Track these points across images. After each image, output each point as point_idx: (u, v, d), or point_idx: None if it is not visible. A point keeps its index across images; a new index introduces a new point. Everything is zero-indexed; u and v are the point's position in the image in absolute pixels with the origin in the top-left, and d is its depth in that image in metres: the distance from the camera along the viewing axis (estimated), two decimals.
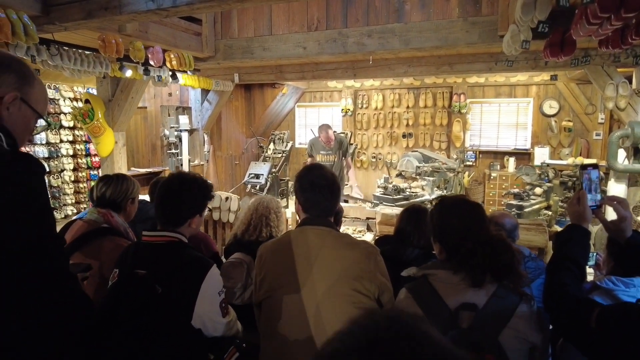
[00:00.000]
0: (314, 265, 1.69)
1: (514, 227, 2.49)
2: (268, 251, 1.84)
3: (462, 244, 1.47)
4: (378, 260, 1.73)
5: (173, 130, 6.60)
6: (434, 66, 5.69)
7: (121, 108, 5.48)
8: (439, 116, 8.41)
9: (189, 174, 1.89)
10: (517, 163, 7.75)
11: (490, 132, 8.41)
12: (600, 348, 1.20)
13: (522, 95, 8.05)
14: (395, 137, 8.85)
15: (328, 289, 1.65)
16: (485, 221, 1.53)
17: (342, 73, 6.13)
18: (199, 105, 7.27)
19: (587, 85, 7.25)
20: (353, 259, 1.70)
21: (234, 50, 5.22)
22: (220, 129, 8.18)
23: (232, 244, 2.69)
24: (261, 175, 7.29)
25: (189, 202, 1.82)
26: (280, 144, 8.22)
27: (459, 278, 1.45)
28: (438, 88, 8.40)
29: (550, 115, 7.79)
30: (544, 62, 5.03)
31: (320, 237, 1.75)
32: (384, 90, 8.83)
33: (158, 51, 4.45)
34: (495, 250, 1.43)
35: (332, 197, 1.80)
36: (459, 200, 1.63)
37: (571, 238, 1.52)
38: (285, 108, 9.47)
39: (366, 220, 4.98)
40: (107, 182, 2.33)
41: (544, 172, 6.02)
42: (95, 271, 2.16)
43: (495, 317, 1.39)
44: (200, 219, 1.89)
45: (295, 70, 6.28)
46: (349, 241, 1.78)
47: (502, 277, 1.43)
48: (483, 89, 8.27)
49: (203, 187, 1.87)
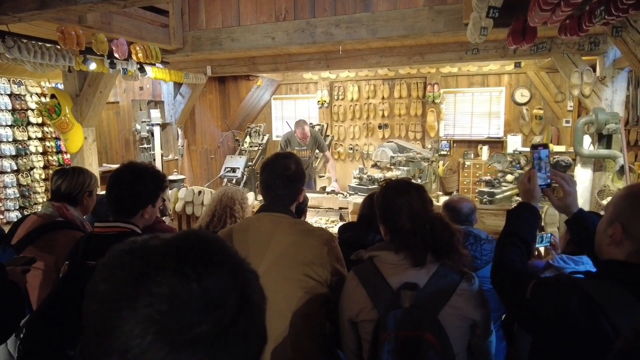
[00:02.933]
0: (266, 250, 1.70)
1: (471, 210, 2.53)
2: (224, 237, 1.83)
3: (403, 225, 1.49)
4: (333, 246, 1.74)
5: (145, 124, 6.50)
6: (406, 56, 5.72)
7: (89, 103, 5.37)
8: (414, 107, 8.46)
9: (141, 163, 1.88)
10: (490, 151, 7.85)
11: (464, 121, 8.50)
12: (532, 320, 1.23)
13: (494, 84, 8.15)
14: (371, 128, 8.88)
15: (279, 273, 1.67)
16: (426, 202, 1.56)
17: (315, 64, 6.12)
18: (172, 99, 7.18)
19: (557, 74, 7.37)
20: (306, 245, 1.71)
21: (202, 42, 5.16)
22: (194, 122, 8.10)
23: None
24: (237, 169, 7.22)
25: (140, 193, 1.81)
26: (257, 137, 8.15)
27: (400, 258, 1.47)
28: (412, 79, 8.44)
29: (521, 104, 7.90)
30: (512, 51, 5.10)
31: (274, 224, 1.76)
32: (359, 81, 8.84)
33: (122, 43, 4.37)
34: (434, 229, 1.45)
35: (289, 184, 1.80)
36: (402, 183, 1.66)
37: (519, 215, 1.55)
38: (260, 101, 9.41)
39: (339, 210, 5.00)
40: (62, 175, 2.29)
41: (515, 159, 6.11)
42: (51, 265, 2.13)
43: (436, 296, 1.41)
44: (154, 209, 1.88)
45: (268, 61, 6.24)
46: (303, 228, 1.79)
47: (443, 256, 1.45)
48: (456, 78, 8.34)
49: (155, 177, 1.86)
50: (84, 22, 3.93)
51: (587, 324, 1.11)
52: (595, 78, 4.77)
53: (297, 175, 1.81)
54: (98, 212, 2.58)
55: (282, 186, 1.78)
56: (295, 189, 1.83)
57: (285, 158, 1.82)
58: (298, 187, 1.84)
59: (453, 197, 2.75)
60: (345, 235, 2.55)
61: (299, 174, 1.82)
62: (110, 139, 8.28)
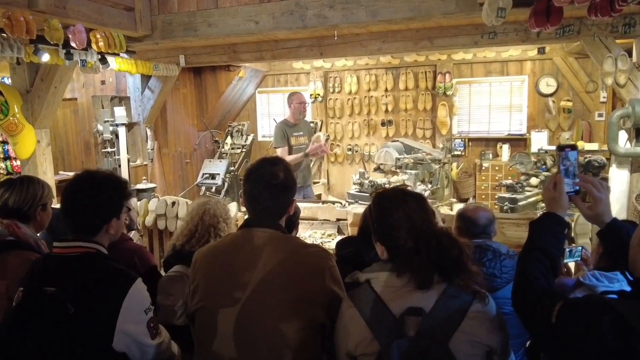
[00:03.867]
0: (253, 272, 1.72)
1: (489, 221, 2.55)
2: (203, 256, 1.86)
3: (404, 242, 1.51)
4: (329, 265, 1.76)
5: (108, 124, 6.50)
6: (412, 41, 5.76)
7: (42, 100, 5.38)
8: (422, 100, 8.51)
9: (99, 172, 1.89)
10: (511, 150, 7.91)
11: (481, 116, 8.56)
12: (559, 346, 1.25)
13: (515, 72, 8.22)
14: (373, 125, 8.92)
15: (267, 298, 1.68)
16: (429, 214, 1.58)
17: (307, 52, 6.14)
18: (139, 94, 7.19)
19: (587, 60, 7.44)
20: (299, 265, 1.73)
21: (174, 28, 5.19)
22: (165, 121, 8.11)
23: (171, 255, 2.70)
24: (217, 175, 7.23)
25: (103, 204, 1.82)
26: (239, 137, 8.17)
27: (403, 281, 1.49)
28: (420, 67, 8.50)
29: (547, 95, 7.97)
30: (535, 34, 5.15)
31: (261, 241, 1.77)
32: (358, 71, 8.89)
33: (80, 30, 4.39)
34: (440, 246, 1.47)
35: (278, 195, 1.81)
36: (397, 192, 1.67)
37: (543, 227, 1.57)
38: (243, 95, 9.44)
39: (337, 222, 5.02)
40: (9, 187, 2.29)
41: (540, 159, 6.17)
42: (2, 291, 2.14)
43: (445, 321, 1.43)
44: (119, 222, 1.90)
45: (251, 49, 6.27)
46: (295, 244, 1.81)
47: (452, 276, 1.47)
48: (471, 66, 8.41)
49: (118, 185, 1.88)
50: (34, 6, 3.94)
51: (619, 348, 1.13)
52: (631, 64, 4.82)
53: (286, 184, 1.82)
54: (55, 229, 2.57)
55: (269, 197, 1.79)
56: (285, 200, 1.84)
57: (272, 164, 1.83)
58: (288, 197, 1.85)
59: (468, 206, 2.78)
60: (344, 251, 2.55)
61: (288, 182, 1.83)
62: (68, 142, 8.27)
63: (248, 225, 1.83)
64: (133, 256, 2.84)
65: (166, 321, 2.47)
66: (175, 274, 2.56)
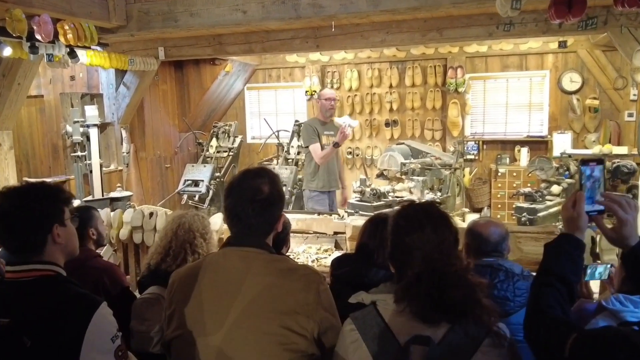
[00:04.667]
0: (235, 296, 1.72)
1: (501, 238, 2.56)
2: (180, 277, 1.87)
3: (409, 267, 1.52)
4: (321, 290, 1.77)
5: (78, 125, 6.50)
6: (419, 33, 5.79)
7: (4, 98, 5.39)
8: (431, 97, 8.53)
9: (24, 184, 1.93)
10: (531, 154, 7.91)
11: (497, 115, 8.57)
12: None
13: (535, 67, 8.23)
14: (376, 126, 8.93)
15: (252, 326, 1.68)
16: (444, 243, 1.59)
17: (301, 44, 6.17)
18: (113, 91, 7.18)
19: (616, 53, 7.46)
20: (286, 289, 1.73)
21: (151, 18, 5.21)
22: (143, 121, 8.11)
23: (146, 275, 2.71)
24: (201, 182, 7.25)
25: (36, 212, 1.81)
26: (226, 139, 8.19)
27: (400, 308, 1.50)
28: (428, 61, 8.52)
29: (571, 92, 7.99)
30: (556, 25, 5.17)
31: (245, 262, 1.78)
32: (359, 65, 8.90)
33: (46, 21, 4.40)
34: (442, 283, 1.48)
35: (262, 212, 1.82)
36: (418, 212, 1.68)
37: (560, 249, 1.58)
38: (230, 91, 9.45)
39: (334, 236, 5.02)
40: None
41: (563, 165, 6.18)
42: None
43: (454, 353, 1.44)
44: (66, 229, 1.89)
45: (239, 41, 6.29)
46: (283, 266, 1.81)
47: (455, 318, 1.48)
48: (485, 60, 8.42)
49: (49, 190, 1.89)
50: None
51: None
52: None
53: (272, 199, 1.83)
54: None
55: (253, 214, 1.80)
56: (271, 216, 1.85)
57: (256, 177, 1.84)
58: (274, 213, 1.86)
59: (479, 220, 2.78)
60: (340, 271, 2.56)
61: (274, 196, 1.84)
62: (33, 144, 8.25)
63: (230, 244, 1.84)
64: (102, 276, 2.85)
65: (141, 349, 2.47)
66: (150, 296, 2.57)
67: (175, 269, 2.49)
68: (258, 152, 8.92)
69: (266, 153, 9.01)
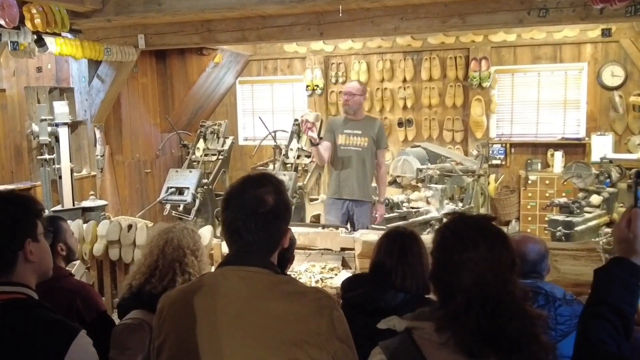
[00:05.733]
0: (235, 325, 1.71)
1: (540, 256, 2.53)
2: (171, 303, 1.84)
3: (456, 291, 1.50)
4: (335, 317, 1.74)
5: (45, 124, 6.49)
6: (438, 19, 5.77)
7: None
8: (451, 93, 8.52)
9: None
10: (566, 159, 7.88)
11: (527, 114, 8.56)
12: None
13: (571, 58, 8.23)
14: (387, 126, 8.89)
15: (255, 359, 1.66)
16: (502, 266, 1.55)
17: (303, 31, 6.15)
18: (86, 84, 7.17)
19: None
20: (295, 316, 1.71)
21: (131, 1, 5.20)
22: (120, 120, 8.10)
23: (127, 298, 2.68)
24: (186, 190, 7.23)
25: (6, 226, 1.81)
26: (215, 140, 8.18)
27: (442, 339, 1.48)
28: (448, 51, 8.52)
29: (612, 88, 7.97)
30: (597, 11, 5.15)
31: (247, 284, 1.75)
32: (368, 55, 8.91)
33: (11, 4, 4.38)
34: (495, 313, 1.45)
35: (266, 226, 1.80)
36: (471, 227, 1.64)
37: (612, 276, 1.56)
38: (220, 86, 9.46)
39: (341, 252, 4.98)
40: None
41: (603, 171, 6.16)
42: None
43: None
44: (39, 245, 1.88)
45: (231, 27, 6.27)
46: (291, 289, 1.79)
47: (507, 354, 1.45)
48: (514, 50, 8.42)
49: (21, 201, 1.89)
50: None
51: None
52: None
53: (277, 210, 1.80)
54: None
55: (255, 229, 1.77)
56: (276, 230, 1.82)
57: (258, 185, 1.81)
58: (280, 227, 1.83)
59: (513, 236, 2.76)
60: (352, 293, 2.55)
61: (280, 208, 1.81)
62: None
63: (229, 264, 1.82)
64: (74, 298, 2.81)
65: None
66: (132, 322, 2.55)
67: (161, 290, 2.49)
68: (252, 156, 8.91)
69: (261, 157, 8.99)
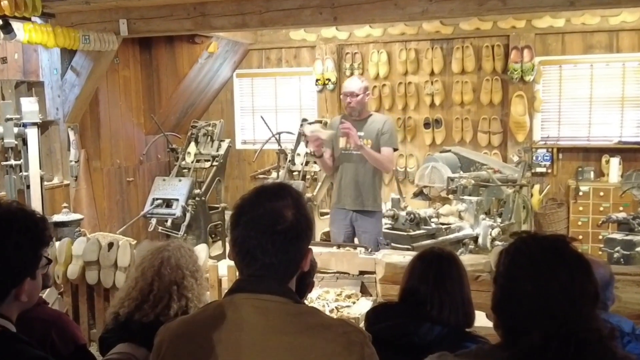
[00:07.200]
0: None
1: (605, 283, 2.53)
2: (172, 336, 1.86)
3: (529, 328, 1.51)
4: (366, 354, 1.75)
5: (11, 124, 6.53)
6: (474, 0, 5.76)
7: None
8: (487, 88, 8.52)
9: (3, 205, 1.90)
10: (624, 167, 7.87)
11: (577, 114, 8.56)
12: None
13: (629, 48, 8.22)
14: (412, 127, 8.94)
15: None
16: (585, 294, 1.55)
17: (313, 16, 6.17)
18: (58, 78, 7.20)
19: None
20: (320, 353, 1.71)
21: None
22: (98, 120, 8.12)
23: (112, 329, 2.70)
24: (175, 202, 7.26)
25: (9, 260, 1.82)
26: (209, 144, 8.21)
27: None
28: (484, 39, 8.53)
29: None
30: None
31: (263, 315, 1.76)
32: (389, 44, 8.94)
33: None
34: (582, 354, 1.45)
35: (286, 246, 1.80)
36: (547, 249, 1.63)
37: None
38: (215, 79, 9.50)
39: (359, 276, 4.98)
40: None
41: None
42: None
43: None
44: (34, 283, 1.91)
45: (229, 11, 6.29)
46: (314, 322, 1.79)
47: None
48: (562, 38, 8.42)
49: (30, 226, 1.89)
50: None
51: None
52: None
53: (298, 228, 1.80)
54: None
55: (273, 250, 1.77)
56: (297, 251, 1.82)
57: (275, 198, 1.82)
58: (301, 247, 1.83)
59: None
60: (378, 326, 2.54)
61: (300, 224, 1.81)
62: None
63: (241, 290, 1.82)
64: (50, 329, 2.82)
65: None
66: (119, 357, 2.56)
67: (153, 319, 2.51)
68: (251, 162, 8.94)
69: (262, 163, 9.02)
